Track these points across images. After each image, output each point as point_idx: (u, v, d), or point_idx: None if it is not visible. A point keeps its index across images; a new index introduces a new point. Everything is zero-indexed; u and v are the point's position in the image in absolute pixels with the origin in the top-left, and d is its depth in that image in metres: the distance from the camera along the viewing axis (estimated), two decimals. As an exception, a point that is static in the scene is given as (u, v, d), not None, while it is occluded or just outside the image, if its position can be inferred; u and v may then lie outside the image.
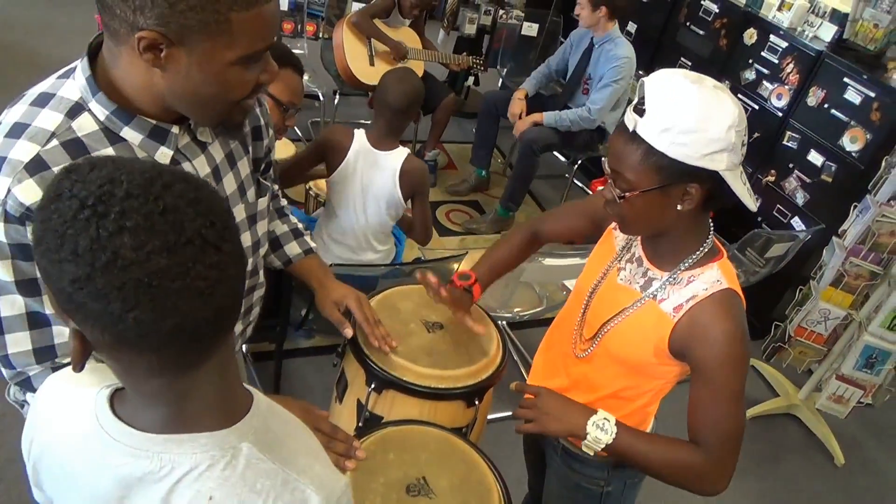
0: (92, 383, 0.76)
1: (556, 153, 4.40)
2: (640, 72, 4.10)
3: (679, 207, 1.15)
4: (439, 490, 1.15)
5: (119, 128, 0.95)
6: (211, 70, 0.89)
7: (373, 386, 1.41)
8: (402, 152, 2.29)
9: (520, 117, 3.76)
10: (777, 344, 2.95)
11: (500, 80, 4.71)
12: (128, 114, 0.95)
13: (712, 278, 1.21)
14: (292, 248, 1.51)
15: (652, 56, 4.18)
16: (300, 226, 1.56)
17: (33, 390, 1.00)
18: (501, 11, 4.74)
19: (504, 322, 2.84)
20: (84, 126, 0.94)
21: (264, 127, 1.26)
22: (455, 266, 2.52)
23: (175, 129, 0.99)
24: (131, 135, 0.96)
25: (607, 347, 1.30)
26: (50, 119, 0.93)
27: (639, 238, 1.34)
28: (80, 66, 0.95)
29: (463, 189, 4.11)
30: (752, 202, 1.15)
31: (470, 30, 4.75)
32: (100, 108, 0.94)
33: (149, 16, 0.84)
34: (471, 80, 4.96)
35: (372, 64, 3.82)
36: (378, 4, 3.82)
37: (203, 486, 0.69)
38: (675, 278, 1.23)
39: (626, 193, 1.14)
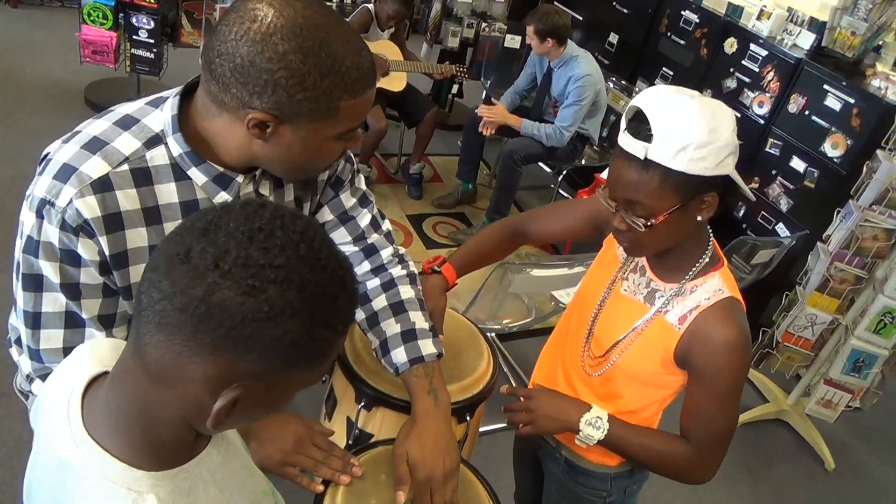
0: (110, 361, 0.74)
1: (540, 163, 4.42)
2: (623, 81, 4.13)
3: (699, 218, 1.16)
4: (432, 509, 1.14)
5: (188, 167, 1.00)
6: (311, 144, 0.96)
7: (362, 403, 1.39)
8: None
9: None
10: (765, 350, 2.96)
11: (484, 92, 4.72)
12: (199, 158, 0.99)
13: (714, 287, 1.23)
14: (398, 355, 1.25)
15: (634, 67, 4.21)
16: (422, 324, 1.29)
17: None
18: (484, 24, 4.76)
19: (493, 334, 2.83)
20: (156, 158, 0.98)
21: (321, 182, 1.25)
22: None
23: (240, 179, 1.03)
24: (197, 175, 1.00)
25: (620, 365, 1.31)
26: (128, 144, 0.97)
27: None
28: (171, 102, 0.99)
29: (449, 202, 4.12)
30: (751, 194, 1.19)
31: (453, 43, 4.77)
32: (176, 146, 0.99)
33: (265, 100, 0.89)
34: (455, 88, 4.97)
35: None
36: (356, 20, 3.83)
37: None
38: (681, 290, 1.24)
39: (652, 221, 1.13)
